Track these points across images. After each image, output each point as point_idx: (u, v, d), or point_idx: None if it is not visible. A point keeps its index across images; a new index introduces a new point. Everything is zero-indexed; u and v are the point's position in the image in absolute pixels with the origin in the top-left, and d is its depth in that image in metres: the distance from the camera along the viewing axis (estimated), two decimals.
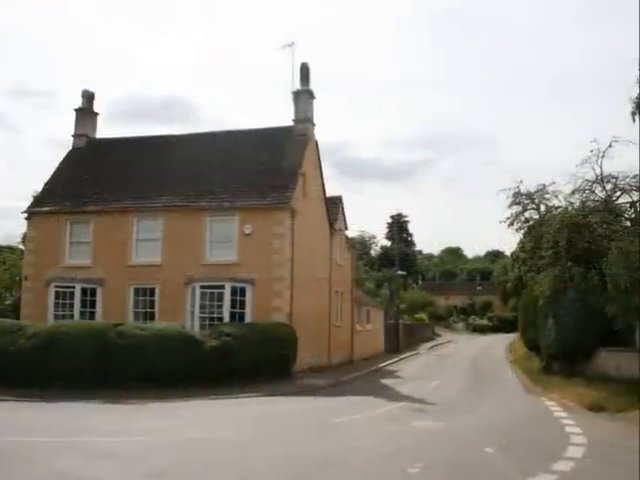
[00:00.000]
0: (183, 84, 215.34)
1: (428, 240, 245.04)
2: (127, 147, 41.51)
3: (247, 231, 34.63)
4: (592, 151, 31.28)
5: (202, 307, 34.25)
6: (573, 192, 32.70)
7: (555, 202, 35.11)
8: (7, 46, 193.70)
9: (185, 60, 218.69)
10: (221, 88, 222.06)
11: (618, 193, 31.84)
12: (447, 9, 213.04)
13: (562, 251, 30.99)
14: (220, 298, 34.03)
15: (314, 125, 39.90)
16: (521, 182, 35.78)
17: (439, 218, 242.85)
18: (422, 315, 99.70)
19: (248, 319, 33.59)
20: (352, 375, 37.02)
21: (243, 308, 33.91)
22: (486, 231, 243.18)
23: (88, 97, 42.67)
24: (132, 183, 38.00)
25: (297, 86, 39.23)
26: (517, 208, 35.86)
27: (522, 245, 42.41)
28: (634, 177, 30.88)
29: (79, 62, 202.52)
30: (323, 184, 42.33)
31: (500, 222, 36.42)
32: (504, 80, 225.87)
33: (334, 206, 44.72)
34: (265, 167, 36.93)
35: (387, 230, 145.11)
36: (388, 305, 73.31)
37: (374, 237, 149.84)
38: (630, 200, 31.52)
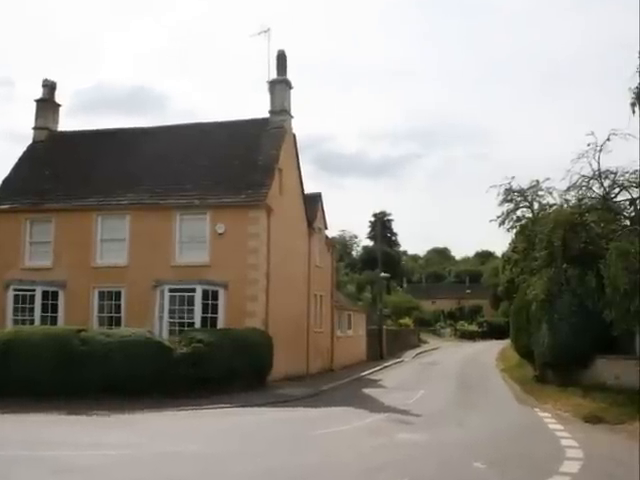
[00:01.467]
0: (152, 73, 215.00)
1: (414, 240, 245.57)
2: (91, 141, 41.38)
3: (220, 230, 34.57)
4: (589, 145, 31.23)
5: (171, 312, 34.13)
6: (568, 189, 32.68)
7: (549, 199, 35.12)
8: None
9: (154, 47, 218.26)
10: (193, 77, 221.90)
11: (617, 190, 31.83)
12: None
13: (557, 252, 30.99)
14: (191, 302, 33.91)
15: (291, 117, 39.88)
16: (513, 178, 35.76)
17: (425, 217, 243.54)
18: (407, 320, 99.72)
19: (221, 325, 33.59)
20: (332, 384, 37.00)
21: (215, 313, 33.88)
22: (475, 231, 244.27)
23: (49, 87, 42.54)
24: (96, 179, 37.80)
25: (273, 75, 39.23)
26: (509, 206, 35.83)
27: (514, 245, 42.49)
28: (634, 173, 30.90)
29: (39, 49, 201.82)
30: (301, 180, 42.37)
31: (490, 221, 36.38)
32: (495, 69, 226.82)
33: (313, 204, 44.78)
34: (239, 162, 36.91)
35: (370, 229, 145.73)
36: (371, 310, 73.36)
37: (356, 237, 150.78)
38: (630, 197, 31.55)
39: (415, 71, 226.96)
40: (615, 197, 31.85)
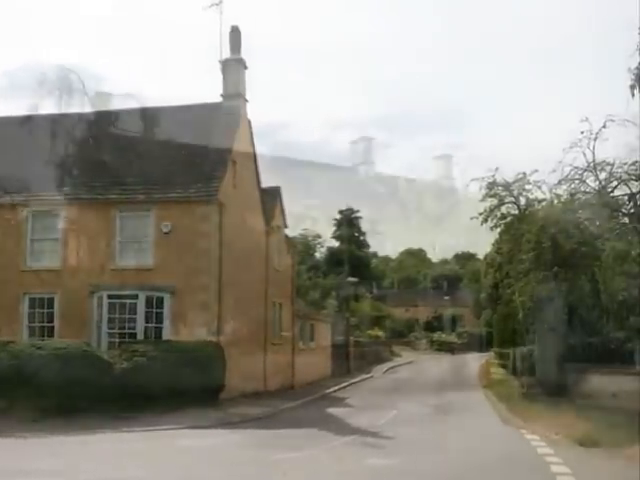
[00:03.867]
0: (86, 50, 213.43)
1: (384, 240, 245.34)
2: (19, 127, 40.71)
3: (165, 229, 34.45)
4: (583, 133, 31.48)
5: (111, 321, 34.00)
6: (560, 182, 32.92)
7: (538, 194, 35.35)
8: None
9: (89, 22, 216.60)
10: (134, 55, 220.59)
11: (614, 183, 32.01)
12: None
13: (546, 253, 31.15)
14: (132, 310, 33.82)
15: (247, 101, 39.92)
16: (497, 170, 35.99)
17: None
18: (377, 331, 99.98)
19: (166, 336, 33.49)
20: (293, 403, 37.17)
21: (160, 322, 33.79)
22: (455, 229, 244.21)
23: None
24: (26, 171, 37.36)
25: (226, 54, 39.22)
26: (492, 201, 36.00)
27: (498, 246, 42.71)
28: (633, 164, 31.08)
29: None
30: (258, 173, 42.34)
31: (472, 218, 36.57)
32: (475, 48, 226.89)
33: (271, 199, 44.77)
34: (187, 152, 36.63)
35: (335, 228, 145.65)
36: (336, 319, 73.43)
37: (319, 236, 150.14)
38: (629, 192, 31.70)
39: (384, 50, 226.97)
40: (612, 191, 32.03)
